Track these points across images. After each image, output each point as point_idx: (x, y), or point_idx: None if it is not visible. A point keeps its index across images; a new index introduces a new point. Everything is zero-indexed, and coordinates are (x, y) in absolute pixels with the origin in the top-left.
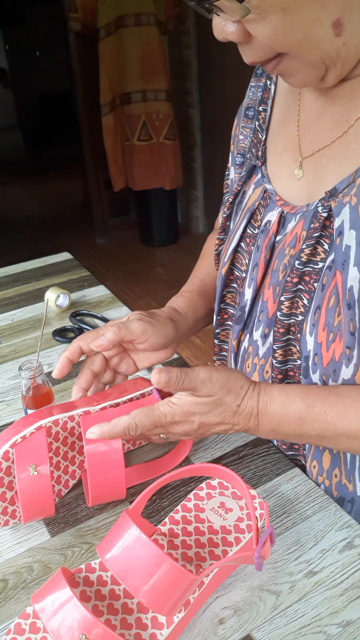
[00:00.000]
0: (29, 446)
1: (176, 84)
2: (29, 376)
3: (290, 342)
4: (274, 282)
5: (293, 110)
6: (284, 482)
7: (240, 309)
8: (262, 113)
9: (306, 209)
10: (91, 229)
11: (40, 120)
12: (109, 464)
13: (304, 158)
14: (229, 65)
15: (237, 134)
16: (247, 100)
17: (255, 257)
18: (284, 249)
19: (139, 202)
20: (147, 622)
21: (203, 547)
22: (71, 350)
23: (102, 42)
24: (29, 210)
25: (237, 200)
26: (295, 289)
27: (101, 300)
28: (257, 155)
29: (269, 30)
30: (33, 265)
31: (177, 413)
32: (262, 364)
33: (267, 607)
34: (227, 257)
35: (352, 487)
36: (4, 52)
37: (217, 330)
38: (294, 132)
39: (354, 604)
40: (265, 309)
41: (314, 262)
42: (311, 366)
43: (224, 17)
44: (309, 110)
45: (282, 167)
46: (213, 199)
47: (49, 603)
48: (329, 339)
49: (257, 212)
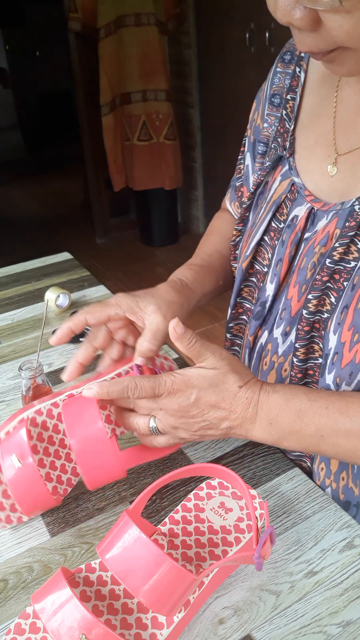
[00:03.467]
0: (12, 440)
1: (176, 84)
2: (29, 376)
3: (314, 340)
4: (300, 281)
5: (328, 103)
6: (284, 482)
7: (261, 304)
8: (290, 102)
9: (340, 207)
10: (91, 229)
11: (40, 120)
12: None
13: (340, 155)
14: (229, 65)
15: (256, 119)
16: (273, 86)
17: (280, 252)
18: (314, 247)
19: (139, 202)
20: (147, 622)
21: (203, 547)
22: (75, 321)
23: (102, 42)
24: (29, 210)
25: (259, 191)
26: (323, 287)
27: (101, 300)
28: (284, 146)
29: (350, 25)
30: (33, 265)
31: (178, 381)
32: (280, 362)
33: (267, 607)
34: (249, 250)
35: (358, 491)
36: (4, 52)
37: (231, 324)
38: (329, 126)
39: (354, 604)
40: (289, 307)
41: (346, 260)
42: (328, 365)
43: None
44: (348, 105)
45: (312, 162)
46: (213, 199)
47: (49, 603)
48: (353, 340)
49: (283, 206)
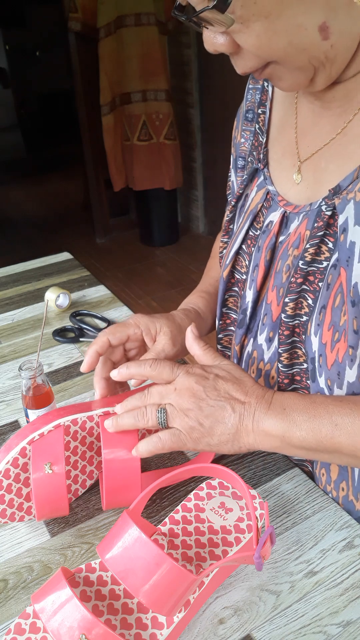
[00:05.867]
0: (46, 444)
1: (176, 84)
2: (29, 376)
3: (296, 345)
4: (277, 284)
5: (291, 115)
6: (284, 482)
7: (242, 312)
8: (261, 115)
9: (309, 208)
10: (91, 229)
11: (40, 120)
12: (125, 471)
13: (302, 162)
14: (228, 65)
15: (236, 136)
16: (247, 102)
17: (256, 257)
18: (287, 249)
19: (139, 202)
20: (147, 622)
21: (203, 547)
22: (100, 344)
23: (102, 42)
24: (29, 210)
25: (240, 203)
26: (299, 290)
27: (101, 300)
28: (258, 159)
29: (253, 39)
30: (33, 265)
31: (197, 366)
32: (267, 370)
33: (267, 607)
34: (228, 259)
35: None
36: (4, 52)
37: (220, 335)
38: (292, 136)
39: (354, 604)
40: (270, 312)
41: (318, 261)
42: (317, 368)
43: (212, 29)
44: (305, 115)
45: (281, 172)
46: (213, 199)
47: (49, 603)
48: (334, 339)
49: (259, 214)
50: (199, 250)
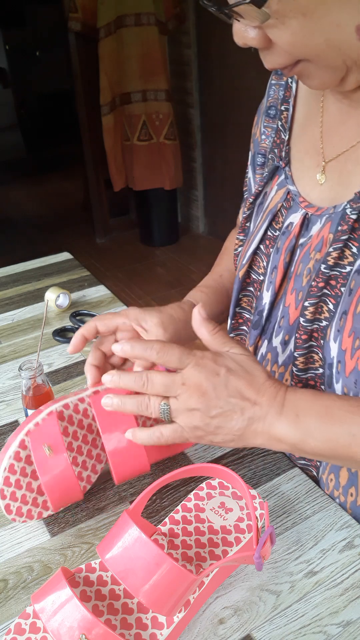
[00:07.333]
0: (43, 431)
1: (176, 84)
2: (29, 376)
3: (312, 349)
4: (297, 287)
5: (315, 113)
6: (284, 482)
7: (258, 313)
8: (284, 112)
9: (333, 211)
10: (91, 229)
11: (40, 120)
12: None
13: (327, 162)
14: (229, 65)
15: (256, 132)
16: (269, 99)
17: (275, 259)
18: (309, 252)
19: (139, 202)
20: (147, 622)
21: (203, 547)
22: (87, 328)
23: (102, 42)
24: (29, 210)
25: (258, 201)
26: (320, 294)
27: (101, 300)
28: (280, 156)
29: (288, 35)
30: (33, 265)
31: (208, 354)
32: (281, 372)
33: (267, 607)
34: (245, 259)
35: None
36: (4, 52)
37: (232, 334)
38: (317, 135)
39: (354, 604)
40: (287, 315)
41: (341, 265)
42: (335, 375)
43: (244, 22)
44: (332, 114)
45: (304, 172)
46: (213, 199)
47: (49, 603)
48: (354, 346)
49: (279, 214)
50: (199, 250)
